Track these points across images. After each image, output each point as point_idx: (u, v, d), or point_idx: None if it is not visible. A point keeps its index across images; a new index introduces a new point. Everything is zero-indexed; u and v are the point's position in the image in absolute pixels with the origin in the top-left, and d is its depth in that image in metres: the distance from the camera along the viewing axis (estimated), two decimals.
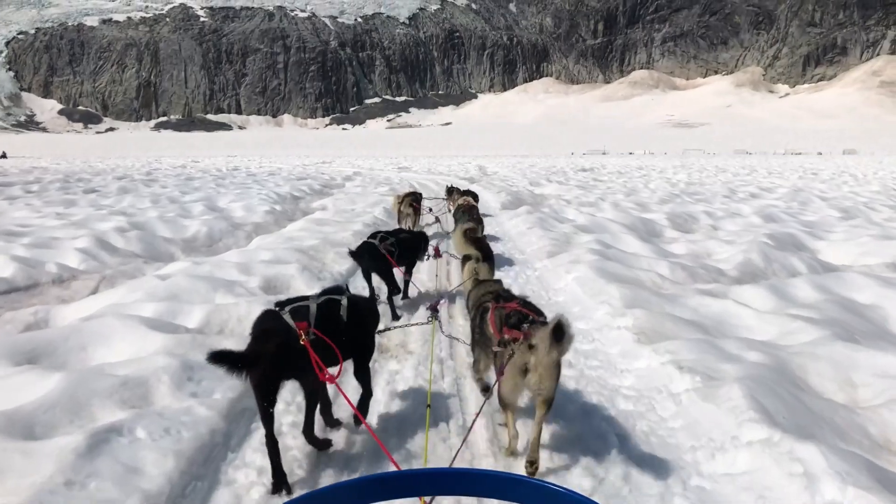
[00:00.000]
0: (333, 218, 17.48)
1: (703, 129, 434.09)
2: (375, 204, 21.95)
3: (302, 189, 28.69)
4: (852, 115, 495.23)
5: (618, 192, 29.39)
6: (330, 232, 14.23)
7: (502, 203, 23.45)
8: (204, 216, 17.46)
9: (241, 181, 34.87)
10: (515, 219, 17.58)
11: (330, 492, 1.58)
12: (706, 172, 51.97)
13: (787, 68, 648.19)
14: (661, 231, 15.85)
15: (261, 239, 14.00)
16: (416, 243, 9.69)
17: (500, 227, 17.32)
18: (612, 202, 22.85)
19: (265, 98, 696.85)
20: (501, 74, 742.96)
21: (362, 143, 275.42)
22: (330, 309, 4.91)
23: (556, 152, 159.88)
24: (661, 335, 6.75)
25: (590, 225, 15.60)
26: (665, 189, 31.63)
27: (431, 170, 56.74)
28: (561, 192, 28.74)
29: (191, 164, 66.67)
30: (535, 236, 14.14)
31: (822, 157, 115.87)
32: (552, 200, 24.89)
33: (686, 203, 23.12)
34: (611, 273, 9.61)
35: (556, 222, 16.36)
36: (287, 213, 20.29)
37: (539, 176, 44.26)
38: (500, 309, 5.01)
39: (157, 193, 25.91)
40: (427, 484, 1.65)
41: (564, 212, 19.60)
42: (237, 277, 9.20)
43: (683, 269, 10.24)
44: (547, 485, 1.52)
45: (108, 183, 32.35)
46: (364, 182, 36.85)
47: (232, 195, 24.61)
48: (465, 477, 1.65)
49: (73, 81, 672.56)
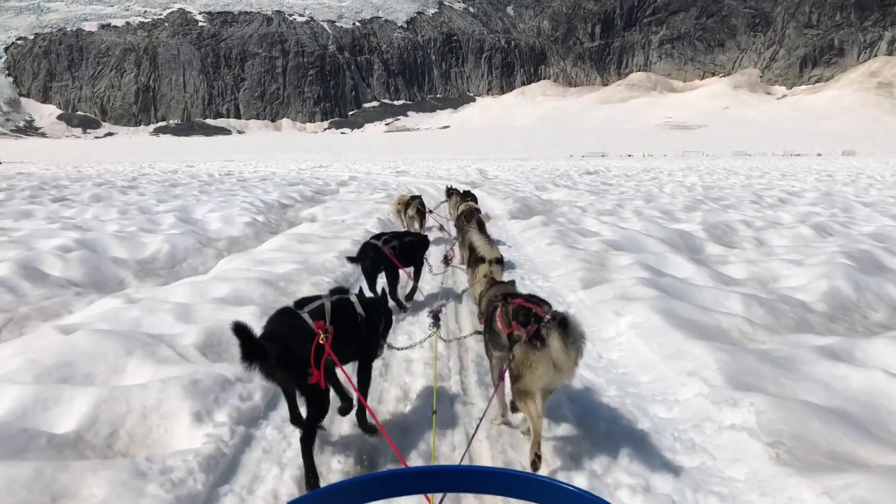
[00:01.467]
0: (319, 232, 15.14)
1: (701, 131, 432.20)
2: (369, 214, 19.62)
3: (292, 196, 26.51)
4: (850, 116, 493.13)
5: (634, 197, 27.16)
6: (310, 253, 11.90)
7: (510, 211, 21.17)
8: (172, 230, 15.15)
9: (229, 188, 32.63)
10: (529, 231, 15.31)
11: (336, 489, 1.58)
12: (717, 175, 49.82)
13: (784, 70, 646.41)
14: (701, 246, 13.56)
15: (228, 261, 11.69)
16: (420, 246, 9.70)
17: (513, 241, 15.01)
18: (633, 210, 20.56)
19: (264, 102, 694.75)
20: (499, 77, 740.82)
21: (361, 146, 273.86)
22: (345, 307, 4.94)
23: (555, 155, 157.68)
24: (813, 448, 4.23)
25: (621, 240, 13.25)
26: (683, 193, 29.47)
27: (430, 174, 54.58)
28: (572, 198, 26.58)
29: (183, 170, 64.34)
30: (558, 255, 11.79)
31: (823, 159, 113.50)
32: (564, 207, 22.67)
33: (715, 210, 20.84)
34: (682, 318, 7.12)
35: (579, 236, 14.07)
36: (270, 225, 18.02)
37: (544, 180, 42.25)
38: (507, 305, 5.02)
39: (131, 202, 23.58)
40: (435, 481, 1.66)
41: (583, 222, 17.32)
42: (170, 329, 6.87)
43: (761, 304, 7.89)
44: (559, 483, 1.52)
45: (83, 191, 29.87)
46: (359, 188, 34.63)
47: (213, 203, 22.38)
48: (474, 474, 1.65)
49: (71, 87, 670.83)
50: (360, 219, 18.16)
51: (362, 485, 1.59)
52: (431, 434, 4.72)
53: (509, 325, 4.77)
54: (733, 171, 57.75)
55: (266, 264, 10.55)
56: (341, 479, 2.71)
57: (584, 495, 1.46)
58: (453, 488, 1.63)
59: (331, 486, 1.57)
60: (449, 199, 18.25)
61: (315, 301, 4.80)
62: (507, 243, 14.50)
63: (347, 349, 4.82)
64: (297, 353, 4.31)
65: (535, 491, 1.51)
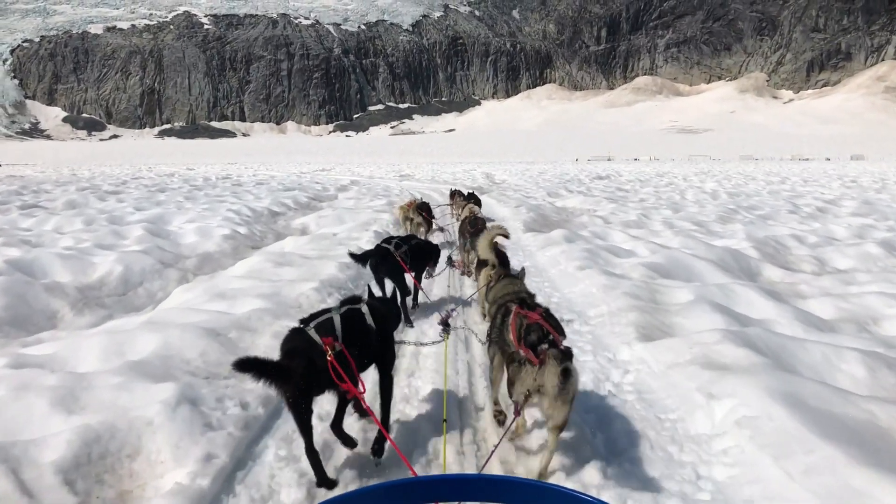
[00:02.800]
0: (305, 249, 13.02)
1: (707, 135, 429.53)
2: (366, 225, 17.44)
3: (284, 203, 24.43)
4: (857, 120, 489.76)
5: (657, 205, 24.90)
6: (286, 281, 9.73)
7: (525, 222, 18.83)
8: (134, 246, 12.96)
9: (219, 193, 30.55)
10: (551, 248, 13.09)
11: (358, 496, 1.57)
12: (735, 180, 47.55)
13: (790, 74, 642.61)
14: (758, 268, 11.33)
15: (186, 289, 9.51)
16: (429, 252, 9.70)
17: (532, 260, 12.80)
18: (662, 221, 18.33)
19: (269, 105, 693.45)
20: (505, 81, 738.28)
21: (365, 149, 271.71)
22: (355, 319, 4.82)
23: (561, 158, 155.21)
24: None
25: (666, 264, 10.91)
26: (708, 201, 27.28)
27: (435, 178, 52.48)
28: (590, 206, 24.43)
29: (181, 173, 62.31)
30: (594, 285, 9.49)
31: (835, 163, 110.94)
32: (583, 217, 20.52)
33: (755, 222, 18.56)
34: (818, 411, 4.51)
35: (612, 255, 11.85)
36: (253, 238, 15.88)
37: (554, 185, 40.11)
38: (523, 317, 4.71)
39: (106, 210, 21.40)
40: (455, 490, 1.65)
41: (610, 235, 15.14)
42: (33, 428, 4.58)
43: (889, 367, 5.73)
44: (581, 495, 1.50)
45: (61, 196, 27.56)
46: (360, 193, 32.55)
47: (195, 212, 20.28)
48: (497, 483, 1.63)
49: (77, 89, 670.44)
50: (354, 231, 16.04)
51: (386, 492, 1.58)
52: (442, 442, 4.71)
53: (520, 340, 4.54)
54: (751, 176, 55.42)
55: (226, 299, 8.37)
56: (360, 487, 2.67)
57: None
58: (469, 497, 1.61)
59: (353, 493, 1.56)
60: (452, 202, 18.29)
61: (323, 315, 4.70)
62: (526, 262, 12.31)
63: (361, 360, 4.74)
64: (315, 366, 4.30)
65: (549, 500, 1.49)
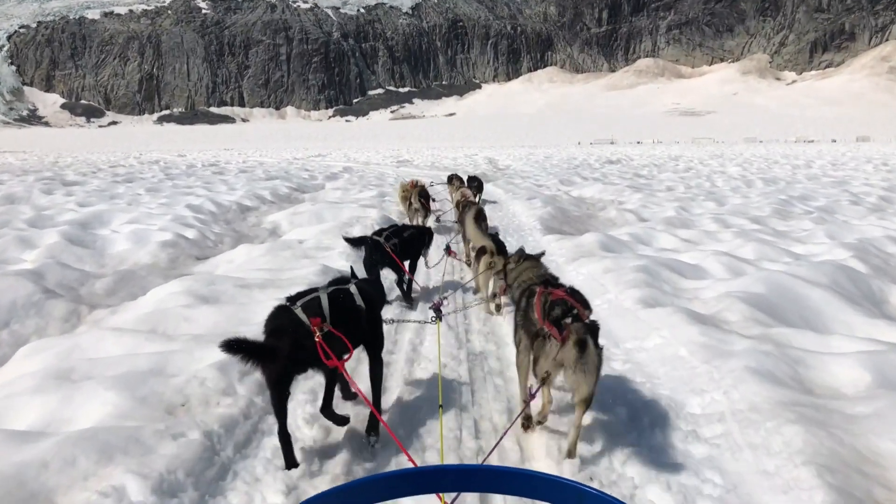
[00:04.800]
0: (252, 269, 9.78)
1: (710, 117, 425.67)
2: (347, 225, 14.15)
3: (260, 195, 21.24)
4: (861, 101, 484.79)
5: (691, 195, 21.56)
6: (186, 340, 6.37)
7: (542, 220, 15.32)
8: (26, 263, 9.73)
9: (189, 184, 27.24)
10: (587, 262, 9.78)
11: (359, 486, 1.56)
12: (757, 164, 44.22)
13: (793, 55, 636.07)
14: (881, 294, 8.00)
15: (34, 351, 6.24)
16: (420, 240, 9.65)
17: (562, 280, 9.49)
18: (712, 217, 14.95)
19: (268, 90, 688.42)
20: (506, 64, 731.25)
21: (365, 134, 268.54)
22: (344, 299, 4.77)
23: (563, 142, 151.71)
24: None
25: (766, 293, 7.35)
26: (744, 189, 23.97)
27: (435, 163, 49.12)
28: (612, 196, 21.20)
29: (168, 160, 58.93)
30: (678, 340, 6.08)
31: (849, 146, 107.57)
32: (610, 211, 17.24)
33: (825, 219, 15.22)
34: None
35: (676, 275, 8.57)
36: (202, 244, 12.66)
37: (564, 171, 36.86)
38: (547, 295, 4.73)
39: (40, 206, 18.18)
40: (456, 480, 1.65)
41: (655, 239, 11.93)
42: None
43: None
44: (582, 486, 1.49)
45: (2, 189, 23.91)
46: (349, 182, 29.29)
47: (146, 209, 17.08)
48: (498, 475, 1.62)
49: (75, 75, 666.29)
50: (328, 236, 12.72)
51: (384, 482, 1.57)
52: (439, 427, 4.68)
53: (546, 317, 4.56)
54: (771, 159, 51.96)
55: (59, 388, 5.00)
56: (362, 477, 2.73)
57: (606, 499, 1.42)
58: (473, 488, 1.61)
59: (351, 483, 1.55)
60: (450, 186, 17.79)
61: (310, 294, 4.66)
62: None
63: (349, 340, 4.63)
64: (306, 343, 4.31)
65: (558, 494, 1.48)
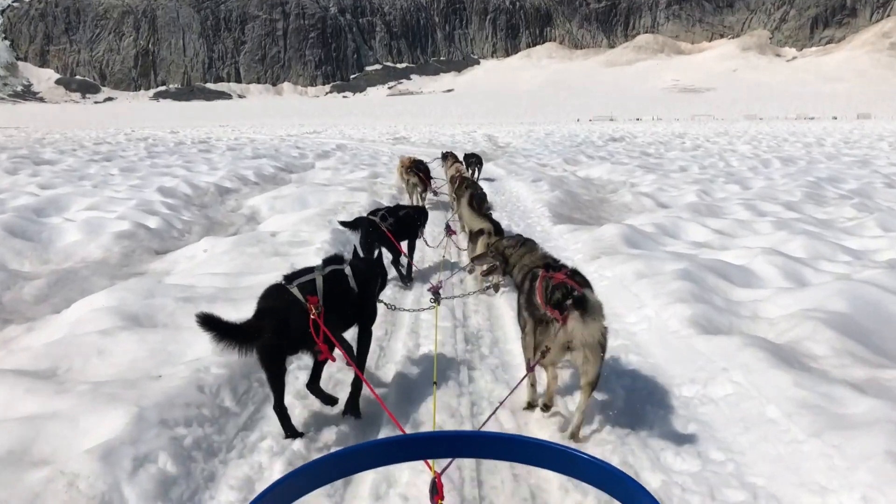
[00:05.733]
0: (206, 273, 8.94)
1: (710, 94, 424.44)
2: (331, 212, 13.49)
3: (243, 176, 20.98)
4: (862, 78, 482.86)
5: (711, 177, 21.26)
6: (112, 374, 5.52)
7: (550, 205, 14.64)
8: None
9: (170, 162, 27.00)
10: (611, 262, 9.11)
11: (354, 452, 1.58)
12: (766, 141, 44.36)
13: (794, 31, 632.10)
14: None
15: None
16: (417, 219, 9.63)
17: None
18: (742, 203, 14.52)
19: (265, 66, 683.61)
20: (504, 40, 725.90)
21: (362, 111, 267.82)
22: (338, 280, 4.83)
23: (562, 119, 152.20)
24: None
25: (849, 311, 6.28)
26: (762, 170, 24.03)
27: (433, 140, 49.35)
28: (623, 177, 21.24)
29: (157, 137, 59.00)
30: (758, 388, 5.04)
31: (850, 122, 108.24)
32: (624, 195, 17.16)
33: (867, 205, 14.74)
34: None
35: (727, 283, 7.81)
36: (166, 235, 12.09)
37: (567, 149, 37.07)
38: (549, 279, 4.75)
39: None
40: (449, 446, 1.67)
41: (684, 231, 11.59)
42: None
43: None
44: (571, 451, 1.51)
45: None
46: (341, 161, 29.03)
47: (117, 191, 16.80)
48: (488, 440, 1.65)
49: (69, 50, 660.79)
50: (306, 227, 12.05)
51: (377, 449, 1.59)
52: (432, 403, 4.72)
53: (548, 301, 4.59)
54: (780, 136, 52.06)
55: None
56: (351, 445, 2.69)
57: (595, 462, 1.44)
58: (466, 454, 1.63)
59: (346, 450, 1.56)
60: (445, 163, 17.86)
61: (306, 275, 4.69)
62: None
63: (342, 321, 4.84)
64: (294, 324, 4.35)
65: (548, 458, 1.50)
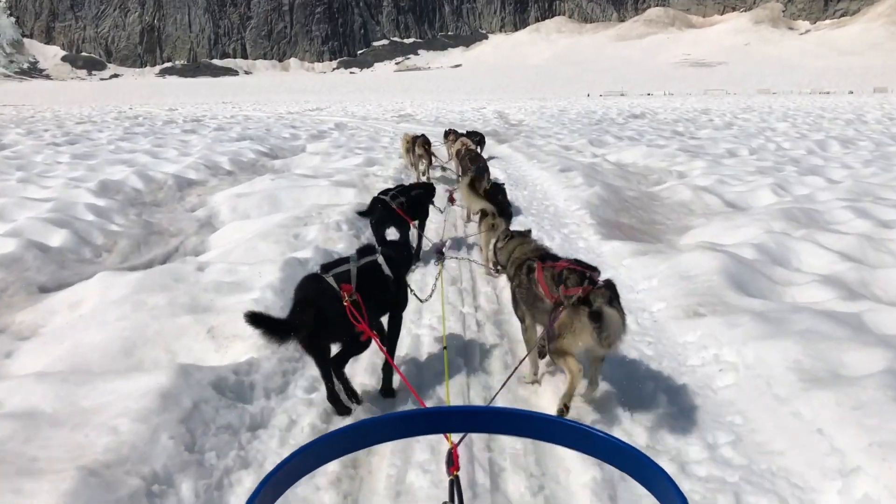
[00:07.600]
0: (100, 326, 6.22)
1: (722, 68, 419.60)
2: (303, 220, 10.56)
3: (216, 163, 18.79)
4: (877, 51, 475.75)
5: (771, 164, 18.60)
6: None
7: (590, 206, 11.72)
8: None
9: (136, 147, 24.63)
10: (744, 339, 5.57)
11: (371, 425, 1.61)
12: (801, 118, 41.38)
13: (807, 4, 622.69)
14: None
15: None
16: (427, 197, 9.68)
17: (672, 382, 5.27)
18: (842, 203, 11.85)
19: (271, 42, 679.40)
20: (513, 14, 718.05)
21: (369, 86, 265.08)
22: (372, 270, 4.93)
23: (573, 94, 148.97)
24: None
25: None
26: (825, 155, 21.17)
27: (440, 118, 46.06)
28: (664, 163, 18.68)
29: (149, 113, 56.80)
30: None
31: (859, 96, 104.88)
32: (681, 191, 13.84)
33: None
34: None
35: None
36: (69, 259, 9.08)
37: (587, 127, 34.08)
38: (550, 269, 4.80)
39: None
40: (464, 420, 1.72)
41: (796, 254, 8.77)
42: None
43: None
44: (588, 428, 1.51)
45: None
46: (336, 143, 26.22)
47: (44, 185, 14.54)
48: (504, 415, 1.65)
49: (75, 27, 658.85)
50: (262, 244, 9.34)
51: (392, 422, 1.64)
52: (444, 368, 4.73)
53: (554, 289, 4.62)
54: (814, 112, 47.94)
55: None
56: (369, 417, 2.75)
57: (611, 441, 1.45)
58: (482, 429, 1.66)
59: (362, 422, 1.60)
60: (447, 141, 17.97)
61: (342, 265, 4.82)
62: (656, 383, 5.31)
63: (376, 309, 4.93)
64: (332, 312, 4.46)
65: (564, 435, 1.52)
